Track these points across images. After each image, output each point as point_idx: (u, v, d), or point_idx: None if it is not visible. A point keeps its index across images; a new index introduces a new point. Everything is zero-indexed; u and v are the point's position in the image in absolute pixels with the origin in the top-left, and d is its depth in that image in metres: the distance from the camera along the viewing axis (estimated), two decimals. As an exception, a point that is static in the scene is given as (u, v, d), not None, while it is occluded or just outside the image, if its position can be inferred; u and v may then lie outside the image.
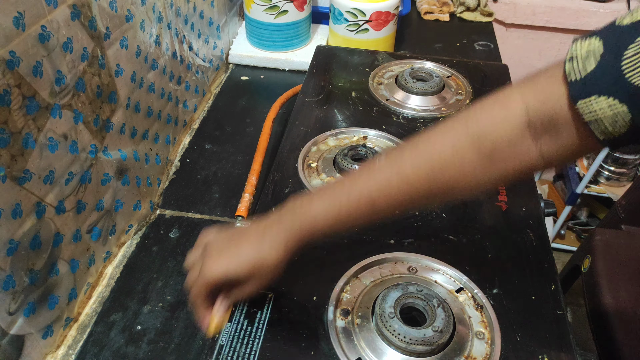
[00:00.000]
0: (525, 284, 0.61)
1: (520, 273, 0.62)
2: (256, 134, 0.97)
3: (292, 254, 0.50)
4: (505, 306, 0.58)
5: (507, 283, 0.61)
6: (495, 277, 0.61)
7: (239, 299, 0.56)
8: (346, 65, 1.01)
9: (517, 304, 0.58)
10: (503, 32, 1.70)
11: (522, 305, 0.58)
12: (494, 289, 0.60)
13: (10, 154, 0.52)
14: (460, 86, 0.95)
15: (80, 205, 0.65)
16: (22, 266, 0.56)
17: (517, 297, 0.59)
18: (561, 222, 1.92)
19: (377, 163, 0.50)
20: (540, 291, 0.60)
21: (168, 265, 0.76)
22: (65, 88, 0.59)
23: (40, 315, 0.61)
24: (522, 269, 0.63)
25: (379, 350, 0.53)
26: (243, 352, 0.53)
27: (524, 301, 0.59)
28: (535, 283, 0.61)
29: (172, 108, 0.92)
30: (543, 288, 0.60)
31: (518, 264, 0.63)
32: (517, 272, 0.62)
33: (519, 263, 0.63)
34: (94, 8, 0.63)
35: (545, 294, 0.60)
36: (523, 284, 0.61)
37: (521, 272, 0.62)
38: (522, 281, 0.61)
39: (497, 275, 0.62)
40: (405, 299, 0.56)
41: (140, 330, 0.68)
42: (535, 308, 0.58)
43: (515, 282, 0.61)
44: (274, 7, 1.13)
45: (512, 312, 0.58)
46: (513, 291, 0.60)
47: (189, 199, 0.88)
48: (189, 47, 0.98)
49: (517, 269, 0.63)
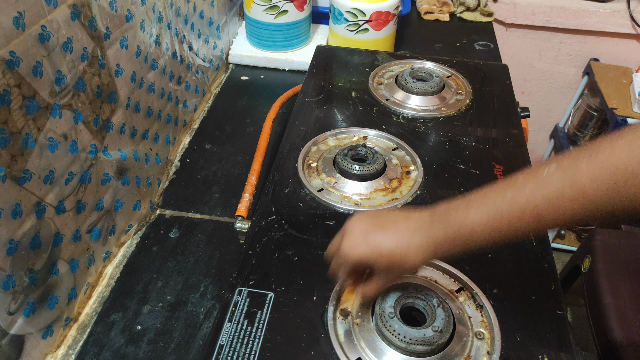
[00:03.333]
0: (525, 284, 0.61)
1: (520, 273, 0.62)
2: (256, 134, 0.97)
3: (437, 258, 0.48)
4: (505, 306, 0.58)
5: (507, 283, 0.61)
6: (495, 277, 0.61)
7: (369, 295, 0.55)
8: (346, 65, 1.01)
9: (517, 304, 0.58)
10: (503, 32, 1.70)
11: (522, 305, 0.58)
12: (494, 289, 0.60)
13: (10, 154, 0.52)
14: (460, 86, 0.95)
15: (80, 205, 0.65)
16: (22, 266, 0.56)
17: (517, 297, 0.59)
18: (561, 222, 1.92)
19: (544, 170, 0.44)
20: (540, 291, 0.60)
21: (168, 265, 0.76)
22: (65, 88, 0.59)
23: (40, 315, 0.60)
24: (522, 269, 0.63)
25: (379, 350, 0.53)
26: (243, 352, 0.53)
27: (524, 301, 0.59)
28: (535, 283, 0.61)
29: (172, 108, 0.92)
30: (543, 288, 0.60)
31: (518, 264, 0.63)
32: (517, 272, 0.62)
33: (519, 263, 0.63)
34: (94, 8, 0.63)
35: (545, 294, 0.60)
36: (523, 284, 0.61)
37: (521, 272, 0.62)
38: (522, 281, 0.61)
39: (497, 275, 0.61)
40: (405, 299, 0.56)
41: (140, 330, 0.68)
42: (535, 308, 0.58)
43: (515, 282, 0.61)
44: (274, 7, 1.13)
45: (512, 312, 0.58)
46: (513, 291, 0.60)
47: (189, 199, 0.88)
48: (189, 47, 0.98)
49: (517, 269, 0.63)
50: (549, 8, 1.61)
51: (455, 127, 0.85)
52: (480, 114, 0.88)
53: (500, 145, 0.81)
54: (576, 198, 0.41)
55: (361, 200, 0.72)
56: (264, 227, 0.67)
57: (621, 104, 1.54)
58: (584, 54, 1.74)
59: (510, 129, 0.85)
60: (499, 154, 0.80)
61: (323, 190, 0.73)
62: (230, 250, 0.79)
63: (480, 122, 0.86)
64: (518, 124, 0.86)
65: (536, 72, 1.81)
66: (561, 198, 0.42)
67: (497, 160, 0.78)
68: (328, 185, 0.73)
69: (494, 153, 0.80)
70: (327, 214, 0.69)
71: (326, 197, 0.71)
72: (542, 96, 1.87)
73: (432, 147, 0.81)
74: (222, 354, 0.53)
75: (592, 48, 1.71)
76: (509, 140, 0.82)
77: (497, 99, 0.92)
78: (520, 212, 0.43)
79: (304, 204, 0.70)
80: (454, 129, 0.85)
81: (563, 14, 1.62)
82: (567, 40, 1.70)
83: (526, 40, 1.72)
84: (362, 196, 0.72)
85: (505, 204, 0.44)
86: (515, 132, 0.84)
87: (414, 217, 0.49)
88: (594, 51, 1.72)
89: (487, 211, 0.45)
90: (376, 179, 0.74)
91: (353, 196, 0.72)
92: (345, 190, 0.73)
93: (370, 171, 0.73)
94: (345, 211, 0.69)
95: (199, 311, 0.71)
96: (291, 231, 0.66)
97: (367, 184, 0.73)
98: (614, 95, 1.57)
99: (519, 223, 0.44)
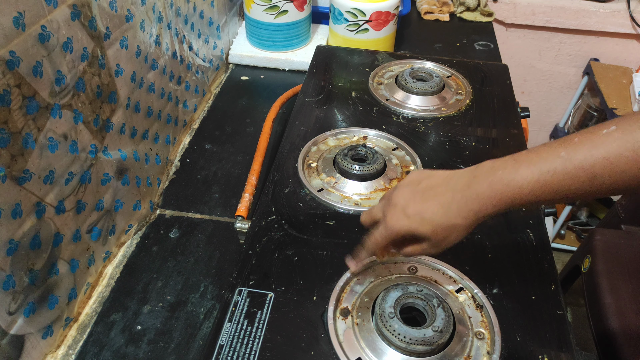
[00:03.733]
0: (525, 284, 0.61)
1: (520, 273, 0.62)
2: (256, 134, 0.97)
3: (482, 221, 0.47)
4: (505, 306, 0.58)
5: (507, 283, 0.61)
6: (495, 277, 0.61)
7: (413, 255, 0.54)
8: (346, 65, 1.01)
9: (517, 304, 0.58)
10: (503, 32, 1.70)
11: (522, 305, 0.58)
12: (494, 289, 0.60)
13: (10, 154, 0.52)
14: (460, 86, 0.95)
15: (80, 205, 0.65)
16: (22, 266, 0.56)
17: (517, 297, 0.59)
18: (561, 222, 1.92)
19: (602, 130, 0.41)
20: (540, 291, 0.60)
21: (168, 265, 0.76)
22: (65, 88, 0.59)
23: (40, 315, 0.60)
24: (522, 269, 0.63)
25: (379, 350, 0.53)
26: (243, 352, 0.53)
27: (524, 301, 0.59)
28: (535, 283, 0.61)
29: (172, 108, 0.92)
30: (543, 288, 0.60)
31: (518, 264, 0.63)
32: (517, 272, 0.62)
33: (519, 263, 0.63)
34: (94, 8, 0.63)
35: (545, 294, 0.60)
36: (523, 284, 0.61)
37: (521, 272, 0.62)
38: (522, 281, 0.61)
39: (497, 275, 0.62)
40: (405, 299, 0.56)
41: (140, 330, 0.68)
42: (535, 308, 0.58)
43: (515, 282, 0.61)
44: (274, 7, 1.13)
45: (512, 312, 0.58)
46: (513, 291, 0.60)
47: (189, 199, 0.88)
48: (189, 47, 0.98)
49: (517, 269, 0.63)
50: (549, 8, 1.61)
51: (455, 127, 0.85)
52: (480, 114, 0.88)
53: (500, 145, 0.81)
54: (635, 160, 0.40)
55: (361, 200, 0.72)
56: (264, 227, 0.67)
57: (621, 104, 1.54)
58: (584, 54, 1.74)
59: (510, 129, 0.85)
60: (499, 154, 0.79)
61: (323, 190, 0.73)
62: (230, 250, 0.79)
63: (480, 122, 0.86)
64: (518, 124, 0.86)
65: (536, 72, 1.81)
66: (619, 159, 0.40)
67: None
68: (328, 185, 0.73)
69: (494, 153, 0.80)
70: (327, 214, 0.69)
71: (326, 197, 0.71)
72: (542, 96, 1.87)
73: (432, 147, 0.81)
74: (222, 354, 0.53)
75: (592, 48, 1.71)
76: (509, 140, 0.82)
77: (497, 99, 0.92)
78: (573, 173, 0.41)
79: (304, 204, 0.70)
80: (454, 129, 0.85)
81: (563, 14, 1.62)
82: (567, 40, 1.70)
83: (526, 40, 1.72)
84: (362, 196, 0.72)
85: (559, 162, 0.42)
86: (515, 132, 0.84)
87: (454, 179, 0.48)
88: (594, 51, 1.72)
89: (538, 169, 0.43)
90: (376, 179, 0.74)
91: (353, 196, 0.72)
92: (345, 190, 0.73)
93: (370, 171, 0.73)
94: (345, 211, 0.69)
95: (199, 311, 0.71)
96: (291, 231, 0.66)
97: (367, 184, 0.73)
98: (614, 95, 1.57)
99: (572, 182, 0.42)
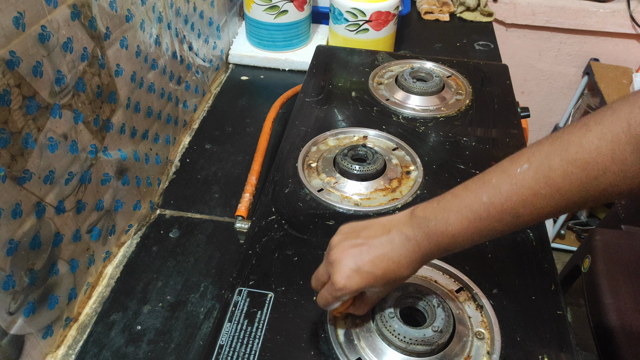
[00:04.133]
0: (525, 284, 0.61)
1: (520, 273, 0.62)
2: (256, 134, 0.97)
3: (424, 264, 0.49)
4: (505, 306, 0.58)
5: (507, 283, 0.61)
6: (495, 277, 0.61)
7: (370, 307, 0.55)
8: (346, 65, 1.01)
9: (517, 304, 0.58)
10: (503, 32, 1.70)
11: (522, 305, 0.58)
12: (494, 289, 0.60)
13: (10, 154, 0.52)
14: (460, 86, 0.95)
15: (80, 205, 0.65)
16: (22, 266, 0.56)
17: (517, 297, 0.59)
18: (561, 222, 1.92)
19: (517, 169, 0.44)
20: (540, 291, 0.60)
21: (168, 265, 0.76)
22: (65, 88, 0.59)
23: (40, 315, 0.60)
24: (522, 269, 0.63)
25: (379, 350, 0.53)
26: (243, 352, 0.53)
27: (524, 301, 0.59)
28: (535, 283, 0.61)
29: (172, 108, 0.92)
30: (543, 288, 0.60)
31: (518, 264, 0.63)
32: (517, 272, 0.62)
33: (519, 263, 0.63)
34: (94, 8, 0.63)
35: (545, 294, 0.60)
36: (523, 284, 0.61)
37: (521, 272, 0.62)
38: (522, 281, 0.61)
39: (497, 275, 0.61)
40: (405, 299, 0.56)
41: (140, 330, 0.68)
42: (535, 308, 0.58)
43: (515, 282, 0.61)
44: (274, 7, 1.13)
45: (512, 312, 0.58)
46: (513, 291, 0.60)
47: (189, 199, 0.88)
48: (189, 47, 0.98)
49: (517, 269, 0.63)
50: (549, 8, 1.61)
51: (455, 127, 0.85)
52: (480, 114, 0.88)
53: (500, 145, 0.81)
54: (551, 195, 0.42)
55: (361, 200, 0.72)
56: (264, 227, 0.67)
57: (621, 104, 1.54)
58: (584, 54, 1.74)
59: (510, 129, 0.85)
60: (499, 154, 0.80)
61: (323, 190, 0.73)
62: (230, 250, 0.79)
63: (480, 122, 0.86)
64: (518, 124, 0.86)
65: (536, 72, 1.81)
66: (537, 197, 0.43)
67: (497, 160, 0.77)
68: (328, 185, 0.73)
69: (494, 153, 0.80)
70: (327, 214, 0.69)
71: (326, 197, 0.71)
72: (542, 96, 1.87)
73: (432, 147, 0.81)
74: (222, 354, 0.53)
75: (592, 48, 1.71)
76: (509, 140, 0.82)
77: (497, 99, 0.92)
78: (498, 215, 0.44)
79: (304, 204, 0.70)
80: (454, 129, 0.85)
81: (563, 14, 1.62)
82: (567, 40, 1.70)
83: (526, 40, 1.72)
84: (362, 196, 0.72)
85: (483, 208, 0.45)
86: (515, 132, 0.84)
87: (394, 227, 0.49)
88: (594, 51, 1.72)
89: (466, 218, 0.45)
90: (376, 179, 0.74)
91: (353, 196, 0.72)
92: (345, 190, 0.73)
93: (370, 171, 0.73)
94: (345, 211, 0.69)
95: (199, 311, 0.71)
96: (291, 231, 0.66)
97: (367, 184, 0.73)
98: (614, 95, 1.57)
99: (499, 224, 0.45)
